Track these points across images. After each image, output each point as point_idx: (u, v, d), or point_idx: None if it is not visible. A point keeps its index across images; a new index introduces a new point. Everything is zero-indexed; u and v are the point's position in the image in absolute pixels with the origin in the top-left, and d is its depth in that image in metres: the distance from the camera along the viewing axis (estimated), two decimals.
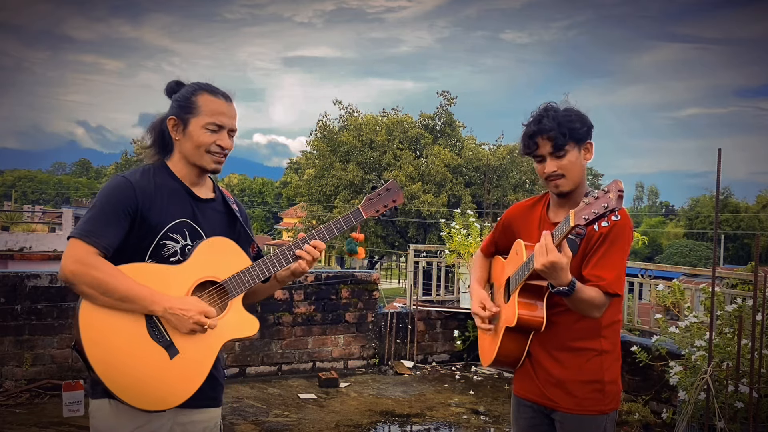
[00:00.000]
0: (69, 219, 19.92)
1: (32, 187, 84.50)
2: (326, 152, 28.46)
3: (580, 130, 2.22)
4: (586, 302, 2.11)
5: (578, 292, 2.07)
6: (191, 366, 2.01)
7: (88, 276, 1.90)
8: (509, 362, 2.37)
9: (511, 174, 27.79)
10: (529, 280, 2.19)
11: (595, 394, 2.26)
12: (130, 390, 1.92)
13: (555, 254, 1.97)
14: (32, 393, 5.35)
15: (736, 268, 21.47)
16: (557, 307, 2.24)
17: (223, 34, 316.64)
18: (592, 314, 2.16)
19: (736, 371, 4.02)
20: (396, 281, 29.73)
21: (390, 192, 2.30)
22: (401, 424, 5.30)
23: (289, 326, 6.48)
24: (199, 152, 2.10)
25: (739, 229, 51.00)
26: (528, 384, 2.38)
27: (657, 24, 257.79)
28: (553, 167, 2.22)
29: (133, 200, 2.00)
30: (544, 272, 2.02)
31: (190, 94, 2.12)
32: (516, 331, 2.27)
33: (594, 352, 2.27)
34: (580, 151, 2.23)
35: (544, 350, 2.30)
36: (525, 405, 2.41)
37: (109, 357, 1.91)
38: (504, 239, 2.50)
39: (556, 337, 2.28)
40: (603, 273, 2.15)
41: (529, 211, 2.43)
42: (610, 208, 1.84)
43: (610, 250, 2.18)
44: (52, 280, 5.53)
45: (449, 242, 7.25)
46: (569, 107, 2.27)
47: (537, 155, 2.25)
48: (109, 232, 1.96)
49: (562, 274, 2.00)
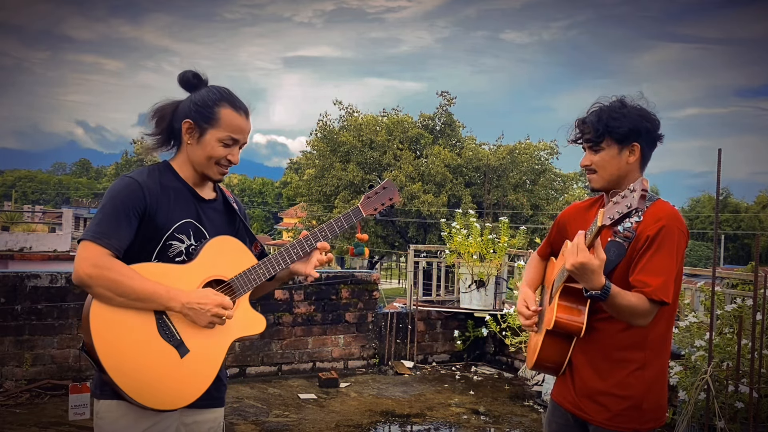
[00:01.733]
0: (69, 219, 19.93)
1: (32, 187, 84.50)
2: (326, 152, 28.45)
3: (619, 129, 2.12)
4: (626, 309, 2.00)
5: (614, 297, 1.96)
6: (201, 364, 2.02)
7: (104, 278, 1.89)
8: (550, 367, 2.28)
9: (511, 174, 27.77)
10: (569, 282, 2.10)
11: (631, 411, 2.15)
12: (142, 390, 1.93)
13: (585, 255, 1.89)
14: (32, 393, 5.35)
15: (736, 268, 21.48)
16: (601, 312, 2.13)
17: (223, 34, 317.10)
18: (636, 322, 2.05)
19: (736, 371, 4.02)
20: (396, 281, 29.72)
21: (387, 190, 2.34)
22: (401, 424, 5.30)
23: (289, 326, 6.48)
24: (208, 163, 2.10)
25: (739, 229, 51.01)
26: (564, 391, 2.29)
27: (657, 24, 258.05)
28: (587, 161, 2.19)
29: (142, 201, 2.00)
30: (574, 273, 1.93)
31: (213, 103, 2.08)
32: (556, 335, 2.18)
33: (635, 365, 2.14)
34: (621, 150, 2.14)
35: (585, 358, 2.20)
36: (560, 410, 2.33)
37: (120, 358, 1.91)
38: (559, 240, 2.41)
39: (598, 344, 2.17)
40: (648, 278, 2.03)
41: (585, 212, 2.35)
42: (632, 207, 1.77)
43: (657, 254, 2.05)
44: (52, 280, 5.53)
45: (449, 242, 7.25)
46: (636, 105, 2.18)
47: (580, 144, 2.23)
48: (120, 233, 1.96)
49: (593, 276, 1.91)
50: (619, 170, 2.16)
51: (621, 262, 2.09)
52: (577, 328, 2.12)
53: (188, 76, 2.14)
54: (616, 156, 2.15)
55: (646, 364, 2.15)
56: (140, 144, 2.33)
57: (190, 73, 2.14)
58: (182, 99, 2.15)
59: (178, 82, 2.15)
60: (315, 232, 2.24)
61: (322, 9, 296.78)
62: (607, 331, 2.15)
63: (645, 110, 2.18)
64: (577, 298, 2.12)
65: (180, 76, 2.15)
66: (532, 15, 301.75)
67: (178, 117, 2.11)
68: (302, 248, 2.22)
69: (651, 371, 2.16)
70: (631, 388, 2.14)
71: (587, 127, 2.16)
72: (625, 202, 1.80)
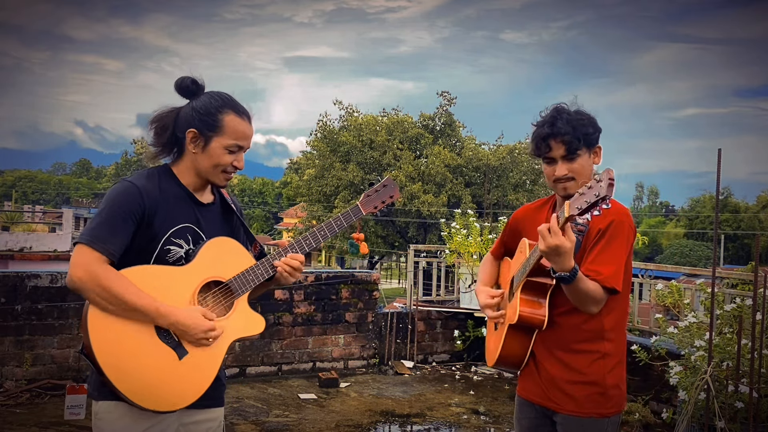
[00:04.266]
0: (69, 219, 19.94)
1: (32, 187, 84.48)
2: (326, 152, 28.45)
3: (592, 135, 2.24)
4: (585, 294, 2.11)
5: (579, 280, 2.07)
6: (200, 366, 2.02)
7: (96, 285, 1.89)
8: (513, 362, 2.37)
9: (511, 174, 27.78)
10: (531, 276, 2.19)
11: (596, 397, 2.26)
12: (140, 392, 1.93)
13: (559, 237, 1.97)
14: (32, 393, 5.35)
15: (736, 268, 21.47)
16: (560, 307, 2.24)
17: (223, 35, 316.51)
18: (590, 309, 2.16)
19: (736, 371, 4.02)
20: (396, 281, 29.72)
21: (387, 188, 2.35)
22: (401, 424, 5.30)
23: (289, 326, 6.48)
24: (215, 171, 2.09)
25: (739, 229, 50.99)
26: (531, 385, 2.38)
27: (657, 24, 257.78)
28: (564, 171, 2.22)
29: (140, 205, 1.99)
30: (547, 254, 2.02)
31: (215, 110, 2.06)
32: (518, 330, 2.27)
33: (597, 354, 2.26)
34: (590, 155, 2.25)
35: (547, 351, 2.30)
36: (527, 405, 2.41)
37: (119, 359, 1.91)
38: (512, 241, 2.50)
39: (559, 337, 2.27)
40: (600, 268, 2.15)
41: (536, 213, 2.44)
42: (600, 196, 1.84)
43: (609, 245, 2.18)
44: (52, 280, 5.53)
45: (449, 242, 7.25)
46: (580, 110, 2.28)
47: (548, 157, 2.25)
48: (116, 238, 1.96)
49: (565, 258, 2.00)
50: (591, 173, 2.26)
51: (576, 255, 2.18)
52: (540, 320, 2.22)
53: (187, 83, 2.10)
54: (588, 160, 2.26)
55: (605, 354, 2.27)
56: (140, 144, 2.33)
57: (188, 80, 2.10)
58: (181, 106, 2.12)
59: (175, 90, 2.11)
60: (314, 232, 2.24)
61: (322, 9, 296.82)
62: (567, 325, 2.26)
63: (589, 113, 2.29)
64: (538, 292, 2.23)
65: (178, 84, 2.11)
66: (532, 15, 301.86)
67: (181, 126, 2.08)
68: (301, 248, 2.22)
69: (611, 359, 2.28)
70: (595, 375, 2.26)
71: (563, 138, 2.20)
72: (593, 192, 1.86)
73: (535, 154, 2.30)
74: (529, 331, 2.28)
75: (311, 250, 2.24)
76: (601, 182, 1.85)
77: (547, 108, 2.31)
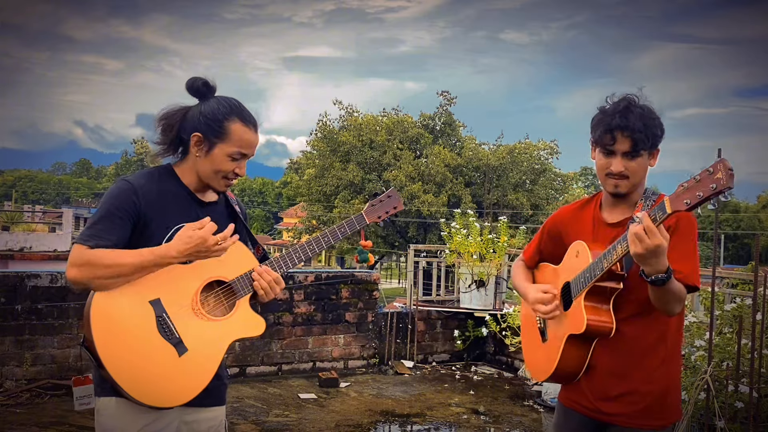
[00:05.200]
0: (69, 219, 19.94)
1: (32, 187, 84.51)
2: (326, 152, 28.47)
3: (659, 138, 2.11)
4: (674, 294, 1.97)
5: (672, 281, 1.92)
6: (199, 363, 2.03)
7: (91, 273, 1.92)
8: (570, 375, 2.20)
9: (511, 174, 27.79)
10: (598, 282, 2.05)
11: (655, 406, 2.13)
12: (139, 386, 1.94)
13: (658, 237, 1.80)
14: (32, 393, 5.35)
15: (736, 268, 21.46)
16: (622, 312, 2.11)
17: (222, 34, 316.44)
18: (674, 309, 2.02)
19: (736, 371, 4.02)
20: (396, 281, 29.72)
21: (391, 199, 2.40)
22: (401, 424, 5.30)
23: (290, 326, 6.48)
24: (216, 176, 2.10)
25: (739, 229, 51.00)
26: (577, 395, 2.23)
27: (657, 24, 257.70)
28: (621, 167, 2.08)
29: (134, 204, 2.00)
30: (644, 257, 1.84)
31: (222, 117, 2.06)
32: (579, 340, 2.11)
33: (658, 360, 2.13)
34: (649, 156, 2.12)
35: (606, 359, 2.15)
36: (572, 414, 2.27)
37: (119, 354, 1.92)
38: (551, 246, 2.37)
39: (621, 344, 2.12)
40: (680, 266, 1.99)
41: (579, 213, 2.31)
42: (719, 188, 1.67)
43: (682, 242, 2.03)
44: (52, 280, 5.53)
45: (449, 242, 7.24)
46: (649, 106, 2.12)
47: (609, 149, 2.09)
48: (110, 234, 1.97)
49: (662, 258, 1.85)
50: (645, 175, 2.15)
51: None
52: (608, 328, 2.07)
53: (198, 85, 2.10)
54: (646, 161, 2.12)
55: (666, 359, 2.14)
56: (140, 144, 2.34)
57: (200, 82, 2.10)
58: (190, 106, 2.13)
59: (186, 90, 2.12)
60: (318, 238, 2.27)
61: (321, 9, 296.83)
62: (629, 331, 2.12)
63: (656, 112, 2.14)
64: (602, 297, 2.08)
65: (189, 84, 2.12)
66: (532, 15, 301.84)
67: (187, 128, 2.09)
68: (304, 253, 2.25)
69: (672, 365, 2.17)
70: (655, 383, 2.13)
71: (633, 135, 2.05)
72: (707, 184, 1.69)
73: (595, 143, 2.15)
74: (589, 340, 2.12)
75: (314, 256, 2.29)
76: (717, 173, 1.68)
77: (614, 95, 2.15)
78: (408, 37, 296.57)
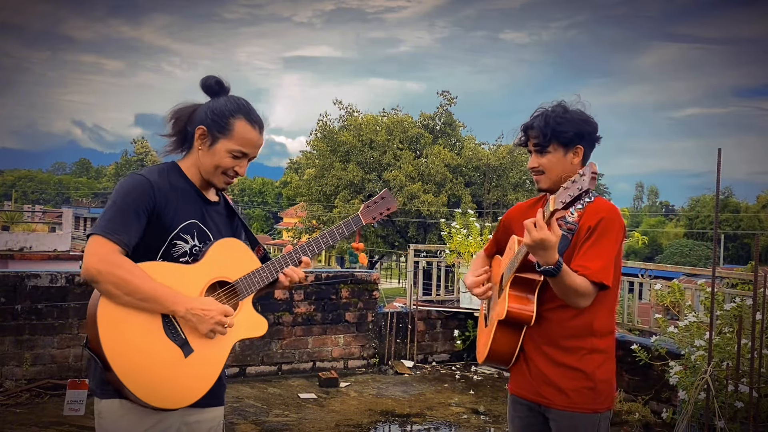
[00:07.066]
0: (69, 219, 19.94)
1: (32, 187, 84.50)
2: (326, 152, 28.47)
3: (566, 134, 2.28)
4: (571, 288, 2.13)
5: (565, 274, 2.10)
6: (205, 365, 2.03)
7: (113, 275, 1.89)
8: (502, 358, 2.39)
9: (511, 174, 27.80)
10: (519, 272, 2.22)
11: (586, 391, 2.28)
12: (146, 388, 1.93)
13: (545, 231, 2.00)
14: (32, 393, 5.35)
15: (736, 268, 21.46)
16: (549, 303, 2.27)
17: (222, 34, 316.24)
18: (577, 303, 2.19)
19: (736, 371, 4.02)
20: (396, 281, 29.75)
21: (385, 200, 2.46)
22: (401, 423, 5.30)
23: (289, 326, 6.48)
24: (215, 171, 2.12)
25: (739, 229, 51.02)
26: (522, 382, 2.40)
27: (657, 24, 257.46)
28: (535, 163, 2.34)
29: (151, 198, 2.02)
30: (533, 248, 2.04)
31: (229, 114, 2.10)
32: (508, 326, 2.30)
33: (585, 350, 2.29)
34: (566, 153, 2.30)
35: (536, 347, 2.33)
36: (520, 403, 2.43)
37: (126, 355, 1.92)
38: (505, 239, 2.53)
39: (548, 333, 2.30)
40: (588, 263, 2.19)
41: (529, 211, 2.47)
42: (583, 189, 1.87)
43: (598, 242, 2.22)
44: (52, 280, 5.53)
45: (449, 242, 7.25)
46: (576, 110, 2.34)
47: (528, 148, 2.37)
48: (129, 229, 1.97)
49: (550, 252, 2.03)
50: (564, 171, 2.29)
51: (566, 252, 2.24)
52: (528, 316, 2.25)
53: (211, 83, 2.16)
54: (562, 158, 2.30)
55: (594, 349, 2.29)
56: (140, 144, 2.35)
57: (213, 80, 2.16)
58: (201, 103, 2.17)
59: (200, 87, 2.17)
60: (317, 239, 2.31)
61: (321, 9, 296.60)
62: (556, 321, 2.29)
63: (585, 114, 2.34)
64: (527, 288, 2.26)
65: (203, 82, 2.17)
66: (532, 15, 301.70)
67: (194, 122, 2.13)
68: (304, 253, 2.28)
69: (600, 355, 2.31)
70: (584, 370, 2.28)
71: (535, 132, 2.31)
72: (576, 186, 1.89)
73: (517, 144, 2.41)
74: (518, 327, 2.30)
75: (314, 256, 2.31)
76: (584, 176, 1.88)
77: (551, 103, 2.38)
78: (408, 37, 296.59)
